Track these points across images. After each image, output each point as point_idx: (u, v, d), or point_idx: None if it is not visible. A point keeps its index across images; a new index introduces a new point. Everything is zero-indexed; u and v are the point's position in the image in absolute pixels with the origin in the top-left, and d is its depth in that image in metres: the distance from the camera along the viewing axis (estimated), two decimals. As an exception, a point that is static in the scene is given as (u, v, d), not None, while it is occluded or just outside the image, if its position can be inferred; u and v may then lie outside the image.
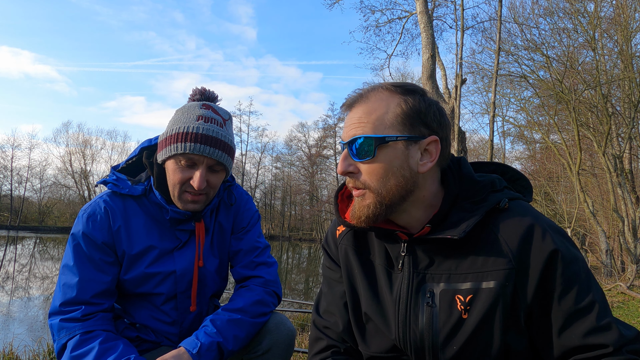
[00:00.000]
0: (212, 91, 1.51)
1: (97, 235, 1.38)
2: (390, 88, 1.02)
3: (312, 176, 51.93)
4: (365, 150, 0.98)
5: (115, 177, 1.47)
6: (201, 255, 1.48)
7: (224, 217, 1.58)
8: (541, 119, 16.23)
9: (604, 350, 0.88)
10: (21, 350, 4.07)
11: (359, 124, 0.99)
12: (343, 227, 1.20)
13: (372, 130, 0.98)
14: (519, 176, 1.14)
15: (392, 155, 0.98)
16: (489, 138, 10.45)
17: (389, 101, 1.00)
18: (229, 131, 1.43)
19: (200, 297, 1.53)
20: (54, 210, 47.22)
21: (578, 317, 0.91)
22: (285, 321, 1.51)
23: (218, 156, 1.36)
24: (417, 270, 1.03)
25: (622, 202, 12.47)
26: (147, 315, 1.48)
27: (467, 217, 0.97)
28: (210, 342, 1.30)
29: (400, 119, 0.98)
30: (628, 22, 11.97)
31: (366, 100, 1.01)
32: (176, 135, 1.34)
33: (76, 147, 48.78)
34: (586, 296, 0.91)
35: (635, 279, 8.72)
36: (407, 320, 1.02)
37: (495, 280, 0.94)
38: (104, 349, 1.26)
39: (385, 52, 24.46)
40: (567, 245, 0.96)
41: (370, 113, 0.99)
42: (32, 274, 14.98)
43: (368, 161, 0.98)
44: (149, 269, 1.43)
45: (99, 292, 1.36)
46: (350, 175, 1.02)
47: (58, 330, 1.31)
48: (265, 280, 1.55)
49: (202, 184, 1.35)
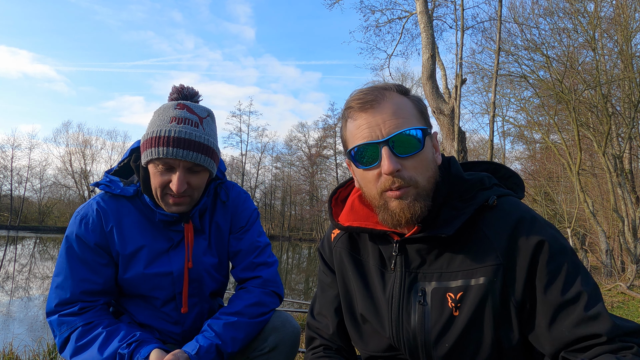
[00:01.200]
0: (192, 88, 1.48)
1: (90, 237, 1.39)
2: (398, 88, 1.03)
3: (312, 176, 51.94)
4: (413, 142, 0.95)
5: (108, 179, 1.47)
6: (191, 257, 1.47)
7: (220, 216, 1.58)
8: (541, 119, 16.24)
9: (597, 340, 0.85)
10: (21, 350, 4.07)
11: (397, 119, 0.96)
12: (338, 231, 1.21)
13: (413, 123, 0.97)
14: (511, 174, 1.14)
15: (429, 147, 1.00)
16: (489, 138, 10.45)
17: (405, 99, 1.01)
18: (206, 130, 1.39)
19: (199, 297, 1.52)
20: (54, 210, 47.21)
21: (565, 308, 0.89)
22: (290, 319, 1.52)
23: (193, 158, 1.32)
24: (409, 269, 1.04)
25: (622, 202, 12.46)
26: (149, 315, 1.49)
27: (457, 215, 0.98)
28: (209, 344, 1.32)
29: (420, 114, 1.01)
30: (628, 22, 11.97)
31: (389, 98, 0.99)
32: (151, 140, 1.32)
33: (76, 147, 48.95)
34: (572, 287, 0.89)
35: (635, 279, 8.72)
36: (400, 319, 1.03)
37: (484, 276, 0.95)
38: (110, 331, 1.32)
39: (385, 52, 24.49)
40: (554, 235, 0.95)
41: (401, 108, 0.98)
42: (32, 274, 14.97)
43: (416, 154, 0.96)
44: (148, 269, 1.43)
45: (93, 291, 1.38)
46: (397, 174, 0.95)
47: (58, 325, 1.34)
48: (263, 280, 1.55)
49: (180, 187, 1.33)
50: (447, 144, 9.81)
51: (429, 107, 10.16)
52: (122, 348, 1.27)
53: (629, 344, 0.83)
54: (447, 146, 9.76)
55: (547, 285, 0.91)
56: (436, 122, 10.17)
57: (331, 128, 50.62)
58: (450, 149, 9.65)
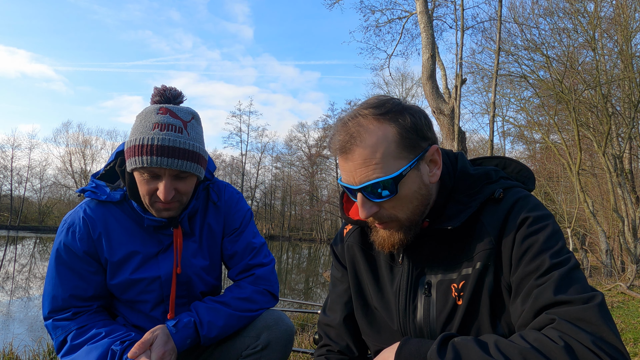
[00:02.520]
0: (174, 89, 1.42)
1: (78, 246, 1.38)
2: (376, 116, 0.95)
3: (312, 176, 51.89)
4: (384, 191, 0.94)
5: (94, 184, 1.45)
6: (179, 262, 1.45)
7: (213, 217, 1.56)
8: (541, 119, 16.23)
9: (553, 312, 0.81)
10: (21, 350, 4.07)
11: (366, 168, 0.93)
12: (350, 226, 1.24)
13: (384, 170, 0.93)
14: (522, 167, 1.15)
15: (410, 182, 0.96)
16: (489, 138, 10.45)
17: (384, 132, 0.94)
18: (191, 135, 1.34)
19: (188, 299, 1.52)
20: (54, 210, 47.18)
21: (528, 280, 0.88)
22: (283, 318, 1.52)
23: (179, 165, 1.29)
24: (416, 263, 1.06)
25: (622, 202, 12.46)
26: (140, 318, 1.49)
27: (463, 209, 0.99)
28: (187, 320, 1.36)
29: (403, 145, 0.95)
30: (628, 22, 11.97)
31: (361, 139, 0.93)
32: (134, 148, 1.29)
33: (76, 147, 48.80)
34: (538, 258, 0.88)
35: (635, 279, 8.71)
36: (406, 311, 1.05)
37: (480, 261, 0.96)
38: (104, 331, 1.34)
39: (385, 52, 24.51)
40: (539, 211, 0.95)
41: (374, 152, 0.93)
42: (32, 274, 14.96)
43: (391, 198, 0.95)
44: (134, 275, 1.42)
45: (84, 297, 1.39)
46: (374, 215, 0.98)
47: (54, 329, 1.37)
48: (256, 277, 1.55)
49: (168, 195, 1.31)
50: (447, 144, 9.81)
51: (429, 107, 10.16)
52: (116, 345, 1.29)
53: (552, 317, 0.80)
54: (447, 146, 9.77)
55: (519, 260, 0.91)
56: (436, 122, 10.18)
57: (331, 128, 50.19)
58: (450, 149, 9.65)
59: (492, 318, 0.95)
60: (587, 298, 0.79)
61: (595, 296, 0.80)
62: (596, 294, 0.80)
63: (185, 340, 1.33)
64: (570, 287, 0.82)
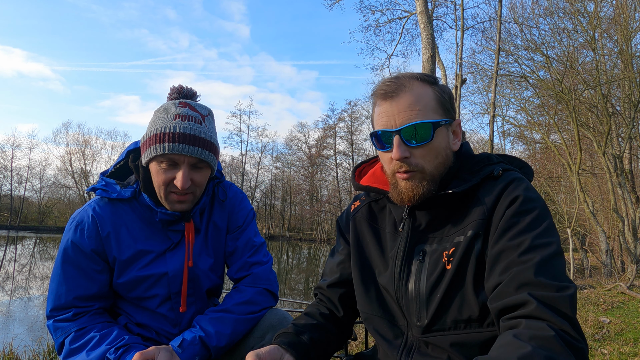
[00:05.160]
0: (190, 88, 1.49)
1: (86, 244, 1.39)
2: (422, 78, 1.09)
3: (312, 176, 51.91)
4: (423, 134, 1.04)
5: (103, 182, 1.46)
6: (191, 255, 1.47)
7: (218, 215, 1.58)
8: (541, 119, 16.24)
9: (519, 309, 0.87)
10: (21, 350, 4.08)
11: (410, 111, 1.04)
12: (358, 203, 1.33)
13: (426, 116, 1.05)
14: (523, 164, 1.21)
15: (441, 137, 1.08)
16: (489, 138, 10.46)
17: (427, 89, 1.08)
18: (209, 127, 1.41)
19: (196, 297, 1.53)
20: (54, 210, 47.23)
21: (509, 255, 0.93)
22: (288, 317, 1.53)
23: (198, 154, 1.34)
24: (415, 232, 1.13)
25: (622, 202, 12.47)
26: (146, 316, 1.49)
27: (465, 183, 1.07)
28: (192, 337, 1.35)
29: (440, 105, 1.08)
30: (628, 22, 11.97)
31: (410, 89, 1.06)
32: (154, 137, 1.33)
33: (76, 147, 48.85)
34: (522, 236, 0.93)
35: (635, 279, 8.72)
36: (401, 275, 1.11)
37: (472, 230, 1.02)
38: (101, 335, 1.34)
39: (385, 52, 24.53)
40: (532, 193, 1.00)
41: (418, 100, 1.05)
42: (32, 274, 14.97)
43: (425, 144, 1.05)
44: (141, 271, 1.43)
45: (87, 296, 1.39)
46: (404, 160, 1.06)
47: (54, 330, 1.37)
48: (255, 277, 1.56)
49: (185, 183, 1.33)
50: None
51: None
52: (110, 353, 1.28)
53: (529, 298, 0.85)
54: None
55: (502, 233, 0.96)
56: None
57: (331, 128, 50.59)
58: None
59: (475, 284, 1.00)
60: (562, 287, 0.87)
61: (569, 287, 0.87)
62: (570, 285, 0.87)
63: (193, 358, 1.32)
64: (549, 272, 0.88)
